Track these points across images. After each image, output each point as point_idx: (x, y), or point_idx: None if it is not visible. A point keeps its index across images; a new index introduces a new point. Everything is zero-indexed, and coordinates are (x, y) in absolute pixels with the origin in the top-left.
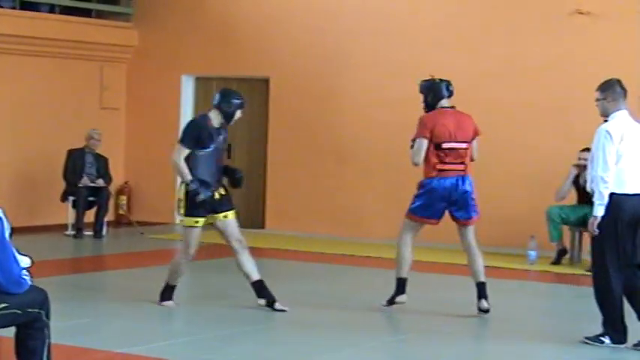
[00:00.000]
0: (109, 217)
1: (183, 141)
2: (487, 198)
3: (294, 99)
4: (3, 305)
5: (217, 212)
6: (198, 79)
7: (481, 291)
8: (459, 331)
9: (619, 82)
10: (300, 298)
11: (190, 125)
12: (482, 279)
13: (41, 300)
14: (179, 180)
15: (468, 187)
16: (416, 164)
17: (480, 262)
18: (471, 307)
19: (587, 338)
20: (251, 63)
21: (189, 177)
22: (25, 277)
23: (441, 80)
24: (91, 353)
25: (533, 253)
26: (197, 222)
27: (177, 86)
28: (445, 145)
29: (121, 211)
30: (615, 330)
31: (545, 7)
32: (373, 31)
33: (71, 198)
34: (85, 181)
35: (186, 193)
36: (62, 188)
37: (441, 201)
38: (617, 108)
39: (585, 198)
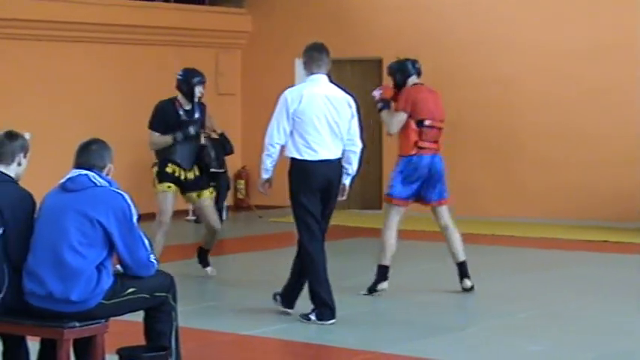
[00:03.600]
0: (228, 201)
1: (152, 127)
2: (602, 174)
3: None
4: (132, 289)
5: (191, 191)
6: None
7: (463, 270)
8: (582, 307)
9: (317, 46)
10: (420, 278)
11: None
12: (463, 258)
13: (168, 284)
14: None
15: (442, 166)
16: (391, 134)
17: (460, 242)
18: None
19: (301, 316)
20: (364, 44)
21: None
22: (153, 260)
23: (406, 59)
24: (218, 335)
25: None
26: (169, 187)
27: (292, 70)
28: (427, 123)
29: (239, 196)
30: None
31: None
32: (479, 9)
33: None
34: None
35: (158, 168)
36: None
37: (417, 180)
38: (310, 72)
39: None
